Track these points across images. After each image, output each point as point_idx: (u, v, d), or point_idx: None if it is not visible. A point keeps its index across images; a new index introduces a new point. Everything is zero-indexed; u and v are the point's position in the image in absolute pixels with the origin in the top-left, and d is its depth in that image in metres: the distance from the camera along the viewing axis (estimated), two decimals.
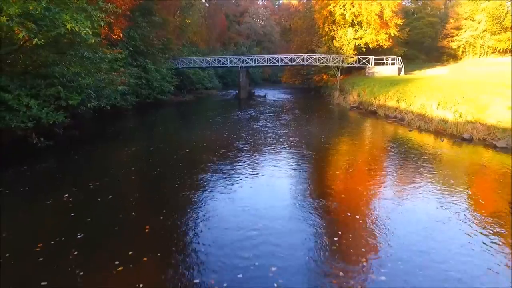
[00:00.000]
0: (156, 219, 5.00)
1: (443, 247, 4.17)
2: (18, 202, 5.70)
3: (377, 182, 6.66)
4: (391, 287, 3.40)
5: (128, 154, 9.19)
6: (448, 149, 8.99)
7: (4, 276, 3.59)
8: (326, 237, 4.46)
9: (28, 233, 4.57)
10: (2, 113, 6.48)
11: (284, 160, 8.10)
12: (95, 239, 4.44)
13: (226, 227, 4.74)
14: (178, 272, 3.79)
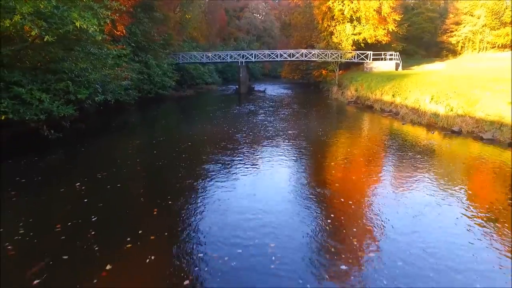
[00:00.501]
0: (163, 203, 5.45)
1: (428, 225, 4.62)
2: (34, 189, 6.13)
3: (370, 171, 7.09)
4: (378, 261, 3.84)
5: (132, 147, 9.62)
6: (439, 141, 9.41)
7: (30, 251, 4.04)
8: (321, 220, 4.89)
9: (47, 217, 5.00)
10: (17, 106, 6.89)
11: (282, 152, 8.52)
12: (108, 221, 4.88)
13: (227, 210, 5.17)
14: (183, 248, 4.23)
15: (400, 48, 28.81)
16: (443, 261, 3.80)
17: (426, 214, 4.98)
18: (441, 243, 4.19)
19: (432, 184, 6.18)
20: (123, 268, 3.75)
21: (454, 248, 4.09)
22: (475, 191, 6.06)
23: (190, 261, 3.93)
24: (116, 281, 3.50)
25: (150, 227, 4.65)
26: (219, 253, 4.01)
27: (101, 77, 9.60)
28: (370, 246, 4.13)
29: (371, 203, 5.41)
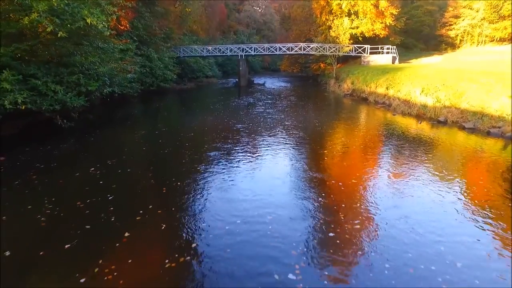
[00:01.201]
0: (171, 184, 6.09)
1: (411, 200, 5.28)
2: (53, 174, 6.75)
3: (361, 158, 7.74)
4: (360, 231, 4.50)
5: (138, 136, 10.23)
6: (425, 130, 10.05)
7: (58, 222, 4.69)
8: (315, 200, 5.49)
9: (68, 196, 5.63)
10: (34, 97, 7.49)
11: (280, 141, 9.14)
12: (122, 198, 5.52)
13: (230, 190, 5.82)
14: (190, 219, 4.87)
15: (398, 41, 29.21)
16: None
17: (410, 190, 5.64)
18: (419, 210, 4.85)
19: (418, 166, 6.83)
20: (139, 235, 4.39)
21: (438, 221, 4.75)
22: (456, 171, 6.69)
23: (196, 228, 4.58)
24: (135, 245, 4.15)
25: (160, 203, 5.31)
26: (222, 223, 4.66)
27: (109, 70, 10.18)
28: (355, 219, 4.76)
29: (361, 185, 6.05)
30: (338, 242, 4.15)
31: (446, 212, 4.91)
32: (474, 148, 8.10)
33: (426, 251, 3.93)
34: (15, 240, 4.24)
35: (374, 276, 3.52)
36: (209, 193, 5.71)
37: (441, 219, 4.74)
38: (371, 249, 3.99)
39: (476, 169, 6.91)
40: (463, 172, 6.70)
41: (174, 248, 4.09)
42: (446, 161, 7.38)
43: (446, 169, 6.73)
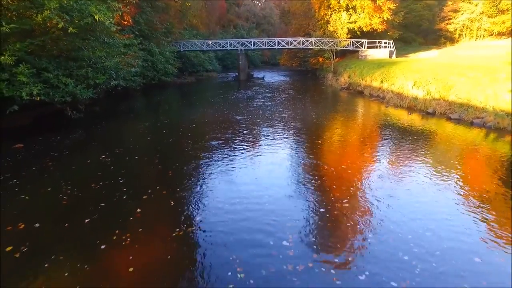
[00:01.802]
0: (176, 168, 6.67)
1: (397, 180, 5.86)
2: (66, 160, 7.32)
3: (352, 146, 8.29)
4: (348, 208, 5.08)
5: (142, 127, 10.77)
6: (414, 120, 10.64)
7: (77, 201, 5.26)
8: (309, 182, 6.06)
9: (83, 179, 6.18)
10: (47, 89, 8.02)
11: (277, 132, 9.68)
12: (132, 181, 6.09)
13: (230, 174, 6.38)
14: (192, 199, 5.43)
15: (396, 35, 29.52)
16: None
17: (397, 172, 6.22)
18: (403, 189, 5.43)
19: (405, 153, 7.41)
20: (149, 211, 4.96)
21: (428, 204, 5.33)
22: (439, 157, 7.26)
23: (199, 206, 5.14)
24: (146, 218, 4.72)
25: (166, 184, 5.90)
26: (222, 202, 5.23)
27: (114, 64, 10.68)
28: (343, 199, 5.32)
29: (351, 169, 6.61)
30: (328, 216, 4.73)
31: (425, 188, 5.49)
32: (457, 136, 8.69)
33: (403, 218, 4.52)
34: (42, 215, 4.82)
35: (358, 242, 4.11)
36: (210, 176, 6.28)
37: (421, 192, 5.33)
38: (356, 222, 4.57)
39: (458, 155, 7.47)
40: (446, 158, 7.25)
41: (180, 221, 4.67)
42: (432, 148, 7.94)
43: (430, 155, 7.30)
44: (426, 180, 5.95)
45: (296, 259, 3.75)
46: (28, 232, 4.29)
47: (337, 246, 4.03)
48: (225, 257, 3.79)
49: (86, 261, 3.70)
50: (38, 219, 4.62)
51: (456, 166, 6.70)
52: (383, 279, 3.40)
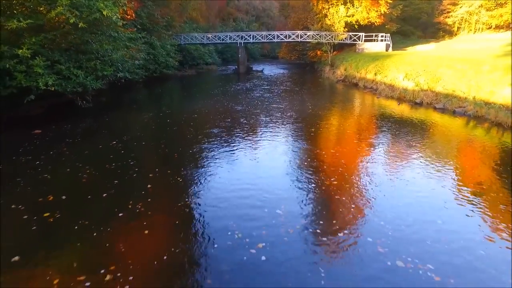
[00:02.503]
0: (180, 152, 7.36)
1: (382, 161, 6.55)
2: (80, 146, 7.98)
3: (343, 133, 8.97)
4: (336, 185, 5.78)
5: (146, 117, 11.41)
6: (403, 110, 11.34)
7: (95, 180, 5.95)
8: (303, 163, 6.77)
9: (97, 162, 6.83)
10: (60, 81, 8.66)
11: (274, 121, 10.34)
12: (142, 163, 6.78)
13: (229, 157, 7.07)
14: (195, 177, 6.11)
15: (394, 29, 29.93)
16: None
17: (383, 153, 6.92)
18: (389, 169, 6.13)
19: (392, 138, 8.10)
20: (159, 186, 5.66)
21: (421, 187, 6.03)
22: (423, 140, 7.95)
23: (201, 182, 5.83)
24: (156, 192, 5.42)
25: (172, 165, 6.61)
26: (222, 180, 5.92)
27: (120, 57, 11.29)
28: (333, 176, 6.02)
29: (341, 152, 7.31)
30: (317, 191, 5.44)
31: (406, 165, 6.20)
32: (439, 123, 9.43)
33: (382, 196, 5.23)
34: (66, 190, 5.51)
35: (343, 210, 4.82)
36: (212, 159, 6.97)
37: (402, 169, 6.03)
38: (342, 194, 5.27)
39: (439, 139, 8.16)
40: (428, 142, 7.93)
41: (185, 194, 5.38)
42: (416, 134, 8.62)
43: (414, 139, 8.00)
44: (408, 159, 6.66)
45: (287, 223, 4.45)
46: (57, 202, 4.98)
47: (323, 214, 4.75)
48: (225, 222, 4.49)
49: (108, 225, 4.40)
50: (63, 193, 5.31)
51: (436, 148, 7.40)
52: (359, 236, 4.12)
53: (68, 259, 3.69)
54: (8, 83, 8.00)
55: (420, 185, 5.53)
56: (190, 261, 3.73)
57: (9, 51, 7.84)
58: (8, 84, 8.01)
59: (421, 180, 5.75)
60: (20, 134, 8.48)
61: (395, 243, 3.96)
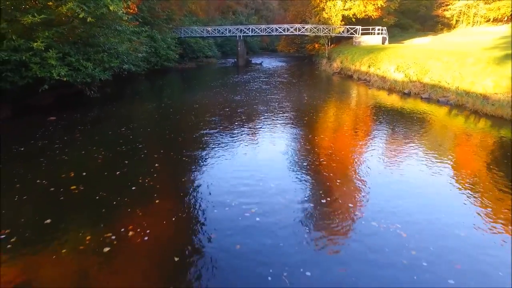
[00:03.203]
0: (184, 137, 8.06)
1: (371, 144, 7.26)
2: (91, 132, 8.69)
3: (335, 120, 9.66)
4: (327, 166, 6.49)
5: (150, 107, 12.08)
6: (392, 100, 12.07)
7: (110, 159, 6.66)
8: (297, 144, 7.48)
9: (109, 146, 7.52)
10: (70, 72, 9.32)
11: (271, 110, 11.01)
12: (149, 145, 7.50)
13: (229, 142, 7.78)
14: (198, 157, 6.83)
15: (392, 22, 30.35)
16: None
17: (370, 137, 7.64)
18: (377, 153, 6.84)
19: (379, 123, 8.80)
20: (165, 165, 6.38)
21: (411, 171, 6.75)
22: (407, 125, 8.65)
23: (205, 163, 6.55)
24: (163, 170, 6.13)
25: (178, 148, 7.32)
26: (222, 161, 6.64)
27: (125, 49, 11.92)
28: (322, 157, 6.73)
29: (331, 136, 8.02)
30: (308, 169, 6.16)
31: (391, 146, 6.93)
32: (423, 111, 10.18)
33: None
34: (84, 167, 6.20)
35: (329, 184, 5.55)
36: (212, 143, 7.68)
37: (387, 150, 6.76)
38: (329, 171, 6.00)
39: (422, 124, 8.87)
40: (412, 126, 8.64)
41: (188, 172, 6.11)
42: (402, 120, 9.33)
43: (400, 125, 8.71)
44: (392, 141, 7.39)
45: (276, 194, 5.17)
46: (78, 178, 5.70)
47: (312, 186, 5.48)
48: (223, 194, 5.21)
49: (124, 196, 5.10)
50: (82, 171, 6.02)
51: (418, 131, 8.13)
52: (339, 201, 4.85)
53: (94, 221, 4.41)
54: (24, 74, 8.67)
55: (403, 160, 6.24)
56: (194, 221, 4.47)
57: (24, 44, 8.49)
58: (25, 75, 8.68)
59: (403, 156, 6.47)
60: (36, 120, 9.19)
61: (365, 200, 4.70)
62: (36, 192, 5.21)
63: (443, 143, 7.56)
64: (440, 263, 3.51)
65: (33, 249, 3.78)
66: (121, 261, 3.64)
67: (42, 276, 3.38)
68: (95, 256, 3.64)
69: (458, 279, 3.28)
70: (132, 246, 3.85)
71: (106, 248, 3.78)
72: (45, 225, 4.30)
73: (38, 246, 3.84)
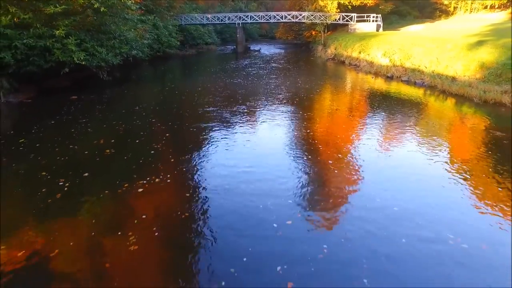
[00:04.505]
0: (190, 112, 9.32)
1: (356, 122, 8.52)
2: (108, 110, 9.91)
3: (325, 99, 10.89)
4: (320, 141, 7.76)
5: (156, 90, 13.29)
6: (376, 82, 13.29)
7: (129, 131, 7.93)
8: (291, 117, 8.73)
9: (127, 120, 8.76)
10: (87, 57, 10.49)
11: (267, 92, 12.20)
12: (160, 120, 8.74)
13: (229, 119, 9.02)
14: (202, 127, 8.10)
15: (388, 9, 31.05)
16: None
17: (356, 113, 8.89)
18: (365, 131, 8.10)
19: (363, 100, 10.03)
20: (175, 134, 7.65)
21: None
22: (386, 103, 9.88)
23: (209, 133, 7.81)
24: (174, 138, 7.40)
25: (185, 121, 8.58)
26: (223, 132, 7.90)
27: (134, 37, 13.03)
28: (313, 134, 7.98)
29: (323, 115, 9.26)
30: (299, 145, 7.43)
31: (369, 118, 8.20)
32: (401, 91, 11.43)
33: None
34: (110, 136, 7.45)
35: (322, 159, 6.84)
36: (214, 117, 8.93)
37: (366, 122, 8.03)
38: (318, 144, 7.28)
39: (399, 101, 10.11)
40: (391, 103, 9.88)
41: (195, 139, 7.38)
42: (382, 98, 10.55)
43: (380, 102, 9.96)
44: (371, 115, 8.67)
45: (271, 164, 6.46)
46: (108, 144, 6.92)
47: (302, 153, 6.77)
48: (224, 150, 6.51)
49: (147, 156, 6.33)
50: (110, 138, 7.26)
51: (394, 107, 9.39)
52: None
53: (128, 174, 5.64)
54: (48, 58, 9.85)
55: (382, 132, 7.52)
56: (201, 170, 5.77)
57: (47, 32, 9.63)
58: (49, 59, 9.86)
59: (382, 128, 7.75)
60: (59, 99, 10.43)
61: (347, 168, 5.99)
62: (74, 155, 6.45)
63: (413, 116, 8.80)
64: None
65: (80, 191, 4.99)
66: (153, 196, 4.91)
67: (93, 209, 4.67)
68: (133, 196, 4.86)
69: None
70: (158, 187, 5.12)
71: (139, 189, 5.03)
72: (83, 177, 5.49)
73: (84, 189, 5.07)
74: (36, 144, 6.80)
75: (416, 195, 4.76)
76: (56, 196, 4.74)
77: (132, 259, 3.48)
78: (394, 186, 5.09)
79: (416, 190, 4.92)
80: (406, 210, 4.32)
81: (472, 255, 3.44)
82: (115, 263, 3.44)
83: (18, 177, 5.44)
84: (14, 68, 9.49)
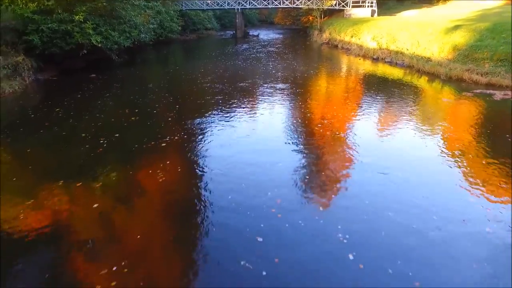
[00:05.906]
0: (196, 88, 10.67)
1: (345, 101, 9.87)
2: (125, 88, 11.23)
3: (314, 78, 12.20)
4: (312, 120, 9.11)
5: (163, 71, 14.57)
6: (363, 63, 14.59)
7: (144, 103, 9.28)
8: (280, 96, 10.07)
9: (142, 95, 10.09)
10: (101, 39, 11.72)
11: (263, 71, 13.49)
12: (173, 95, 10.09)
13: (228, 96, 10.35)
14: (209, 102, 9.45)
15: None
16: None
17: (342, 89, 10.22)
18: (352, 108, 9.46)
19: (348, 78, 11.35)
20: (186, 106, 9.01)
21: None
22: (370, 81, 11.19)
23: (215, 106, 9.17)
24: (185, 108, 8.76)
25: (193, 95, 9.95)
26: (221, 111, 9.25)
27: (141, 22, 14.20)
28: (305, 112, 9.32)
29: (315, 93, 10.58)
30: (294, 122, 8.79)
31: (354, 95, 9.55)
32: (385, 71, 12.71)
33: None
34: (132, 107, 8.80)
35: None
36: (217, 94, 10.26)
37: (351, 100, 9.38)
38: (311, 117, 8.63)
39: (381, 79, 11.42)
40: (373, 80, 11.19)
41: (202, 109, 8.75)
42: (365, 76, 11.85)
43: (364, 79, 11.27)
44: (358, 92, 10.01)
45: (265, 129, 7.83)
46: (132, 113, 8.24)
47: (293, 127, 8.14)
48: (226, 125, 7.88)
49: (164, 121, 7.75)
50: (133, 108, 8.59)
51: (375, 82, 10.71)
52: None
53: (151, 135, 6.99)
54: (69, 41, 11.09)
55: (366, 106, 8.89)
56: (207, 136, 7.16)
57: (68, 17, 10.84)
58: (69, 42, 11.11)
59: (365, 101, 9.11)
60: (78, 78, 11.73)
61: (337, 144, 7.38)
62: (104, 121, 7.79)
63: (394, 90, 10.14)
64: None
65: (114, 148, 6.37)
66: (175, 148, 6.31)
67: (130, 159, 6.09)
68: (159, 149, 6.22)
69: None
70: (178, 143, 6.52)
71: (163, 144, 6.42)
72: (112, 139, 6.86)
73: (116, 147, 6.44)
74: (71, 113, 8.18)
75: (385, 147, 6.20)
76: (98, 151, 6.10)
77: (161, 187, 4.95)
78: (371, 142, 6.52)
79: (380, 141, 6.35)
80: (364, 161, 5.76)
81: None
82: (151, 184, 4.92)
83: (62, 137, 6.80)
84: (41, 49, 10.76)
